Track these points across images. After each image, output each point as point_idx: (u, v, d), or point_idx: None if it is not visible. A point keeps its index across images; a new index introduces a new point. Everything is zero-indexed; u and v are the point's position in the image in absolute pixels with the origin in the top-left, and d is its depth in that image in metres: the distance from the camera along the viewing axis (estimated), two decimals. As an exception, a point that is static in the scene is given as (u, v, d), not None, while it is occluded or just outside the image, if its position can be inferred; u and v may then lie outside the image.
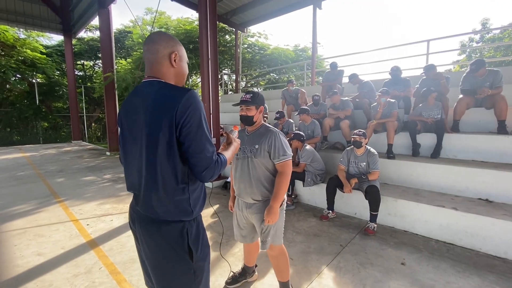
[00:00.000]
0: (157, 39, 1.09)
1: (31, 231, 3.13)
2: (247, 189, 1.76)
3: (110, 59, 9.10)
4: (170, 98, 0.99)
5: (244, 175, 1.76)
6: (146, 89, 1.06)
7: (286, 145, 1.74)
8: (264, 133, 1.75)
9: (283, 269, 1.90)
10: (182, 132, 0.99)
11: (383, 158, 3.85)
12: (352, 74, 5.66)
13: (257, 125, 1.81)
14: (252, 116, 1.75)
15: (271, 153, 1.70)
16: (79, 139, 13.10)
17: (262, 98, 1.78)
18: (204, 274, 1.15)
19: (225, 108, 8.80)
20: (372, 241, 2.89)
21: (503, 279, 2.19)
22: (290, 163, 1.73)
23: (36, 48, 13.47)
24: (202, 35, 5.02)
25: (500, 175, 3.04)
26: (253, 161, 1.73)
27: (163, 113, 0.98)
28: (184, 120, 0.98)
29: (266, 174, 1.74)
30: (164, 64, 1.09)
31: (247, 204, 1.82)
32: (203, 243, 1.14)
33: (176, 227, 1.06)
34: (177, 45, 1.12)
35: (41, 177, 5.82)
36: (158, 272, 1.10)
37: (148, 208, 1.08)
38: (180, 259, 1.07)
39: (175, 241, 1.06)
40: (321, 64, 14.53)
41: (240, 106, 1.77)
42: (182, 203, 1.05)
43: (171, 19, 14.16)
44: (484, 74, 3.83)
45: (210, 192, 4.61)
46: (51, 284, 2.15)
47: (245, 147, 1.78)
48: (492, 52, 15.40)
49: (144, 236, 1.10)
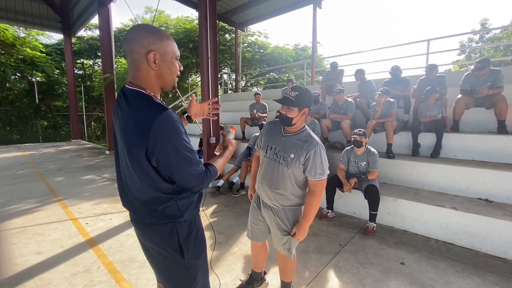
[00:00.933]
0: (131, 38, 0.93)
1: (30, 230, 3.13)
2: (269, 192, 1.65)
3: (110, 58, 9.07)
4: (140, 127, 0.89)
5: (270, 178, 1.63)
6: (123, 102, 0.96)
7: (325, 162, 1.55)
8: (305, 142, 1.54)
9: (289, 271, 1.86)
10: (159, 163, 0.93)
11: (383, 158, 3.85)
12: (360, 69, 5.50)
13: (297, 128, 1.60)
14: (292, 118, 1.52)
15: (307, 167, 1.53)
16: (78, 138, 13.08)
17: (309, 98, 1.53)
18: (199, 272, 1.14)
19: (225, 107, 8.78)
20: (371, 241, 2.89)
21: (503, 279, 2.19)
22: (325, 182, 1.57)
23: (36, 46, 13.43)
24: (202, 34, 5.00)
25: (500, 175, 3.04)
26: (283, 169, 1.57)
27: (135, 141, 0.91)
28: (158, 151, 0.90)
29: (293, 185, 1.61)
30: (141, 68, 0.95)
31: (266, 204, 1.73)
32: (197, 241, 1.13)
33: (165, 227, 1.05)
34: (156, 42, 0.93)
35: (40, 175, 5.81)
36: (157, 269, 1.15)
37: (134, 213, 1.10)
38: (171, 257, 1.08)
39: (165, 241, 1.06)
40: (321, 64, 14.52)
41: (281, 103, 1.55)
42: (169, 210, 1.03)
43: (170, 18, 14.14)
44: (486, 74, 3.82)
45: (209, 192, 4.62)
46: (50, 283, 2.14)
47: (277, 149, 1.60)
48: (491, 52, 15.39)
49: (139, 235, 1.14)
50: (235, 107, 8.96)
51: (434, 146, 3.86)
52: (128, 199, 1.08)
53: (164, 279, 1.13)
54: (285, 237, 1.68)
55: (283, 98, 1.53)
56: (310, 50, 11.96)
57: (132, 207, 1.08)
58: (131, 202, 1.07)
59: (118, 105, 1.01)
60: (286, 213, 1.67)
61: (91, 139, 16.84)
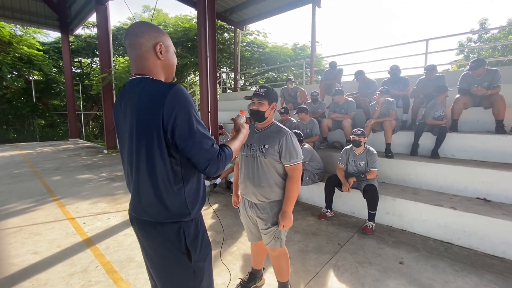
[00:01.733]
0: (139, 32, 1.00)
1: (26, 229, 3.10)
2: (253, 188, 1.71)
3: (108, 56, 9.02)
4: (155, 98, 0.93)
5: (251, 174, 1.71)
6: (132, 88, 0.99)
7: (298, 147, 1.68)
8: (276, 133, 1.68)
9: (283, 270, 1.88)
10: (174, 134, 0.93)
11: (382, 157, 3.85)
12: (359, 71, 5.48)
13: (268, 122, 1.74)
14: (263, 112, 1.67)
15: (281, 154, 1.64)
16: (76, 137, 13.00)
17: (275, 94, 1.72)
18: (205, 274, 1.11)
19: (223, 107, 8.77)
20: (370, 240, 2.89)
21: (501, 279, 2.19)
22: (300, 166, 1.69)
23: (33, 45, 13.32)
24: (201, 33, 4.98)
25: (499, 175, 3.05)
26: (261, 160, 1.67)
27: (149, 114, 0.93)
28: (174, 120, 0.91)
29: (274, 175, 1.69)
30: (149, 58, 1.01)
31: (251, 203, 1.78)
32: (203, 243, 1.10)
33: (172, 227, 1.02)
34: (161, 35, 1.03)
35: (37, 175, 5.77)
36: (158, 272, 1.09)
37: (139, 210, 1.05)
38: (178, 260, 1.04)
39: (171, 242, 1.02)
40: (320, 63, 14.51)
41: (252, 99, 1.69)
42: (177, 205, 1.00)
43: (169, 16, 14.08)
44: (483, 74, 3.83)
45: (209, 191, 4.61)
46: (47, 283, 2.12)
47: (253, 144, 1.72)
48: (489, 52, 15.45)
49: (141, 236, 1.09)
50: (234, 106, 8.94)
51: (433, 148, 3.85)
52: (136, 196, 1.04)
53: (165, 283, 1.08)
54: (273, 227, 1.72)
55: (254, 94, 1.67)
56: (309, 49, 11.95)
57: (138, 205, 1.04)
58: (136, 200, 1.04)
59: (121, 97, 1.04)
60: (271, 206, 1.72)
61: (89, 138, 16.78)
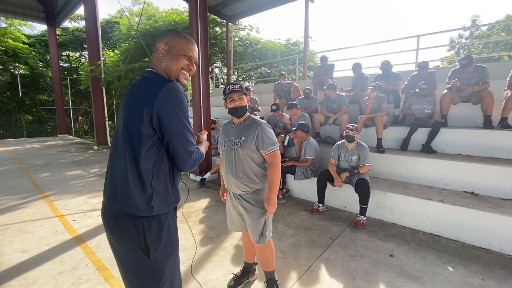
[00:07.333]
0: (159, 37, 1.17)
1: (14, 227, 3.02)
2: (234, 180, 1.76)
3: (97, 50, 8.80)
4: (150, 89, 1.02)
5: (231, 167, 1.77)
6: (138, 78, 1.12)
7: (273, 135, 1.76)
8: (250, 125, 1.75)
9: (269, 260, 1.93)
10: (162, 125, 1.00)
11: (373, 152, 3.89)
12: (357, 63, 5.48)
13: (245, 117, 1.82)
14: (245, 106, 1.75)
15: (258, 144, 1.70)
16: (65, 133, 12.71)
17: (244, 90, 1.81)
18: (166, 273, 1.09)
19: (216, 102, 8.69)
20: (361, 234, 2.93)
21: (487, 270, 2.26)
22: (278, 153, 1.75)
23: (18, 37, 12.90)
24: (192, 25, 4.89)
25: (486, 169, 3.12)
26: (239, 152, 1.74)
27: (141, 101, 1.01)
28: (163, 112, 0.99)
29: (252, 165, 1.75)
30: (154, 56, 1.16)
31: (236, 195, 1.84)
32: (167, 242, 1.08)
33: (132, 221, 1.02)
34: (167, 38, 1.15)
35: (24, 171, 5.63)
36: (120, 266, 1.12)
37: (107, 192, 1.08)
38: (135, 255, 1.05)
39: (130, 236, 1.03)
40: (312, 59, 14.50)
41: (231, 97, 1.73)
42: (139, 196, 1.01)
43: (158, 10, 13.78)
44: (471, 70, 3.89)
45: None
46: (35, 282, 2.08)
47: (231, 139, 1.78)
48: (480, 48, 15.71)
49: (107, 229, 1.11)
50: (226, 101, 8.84)
51: (425, 143, 3.90)
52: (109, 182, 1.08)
53: (127, 278, 1.10)
54: (260, 218, 1.78)
55: (232, 91, 1.72)
56: (302, 45, 11.90)
57: (108, 187, 1.08)
58: (109, 182, 1.08)
59: (131, 84, 1.14)
60: (254, 196, 1.78)
61: (78, 134, 16.44)
